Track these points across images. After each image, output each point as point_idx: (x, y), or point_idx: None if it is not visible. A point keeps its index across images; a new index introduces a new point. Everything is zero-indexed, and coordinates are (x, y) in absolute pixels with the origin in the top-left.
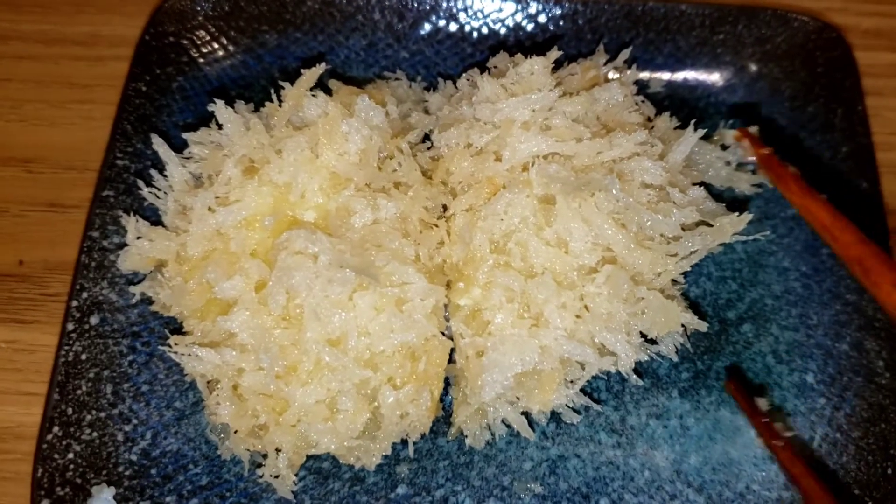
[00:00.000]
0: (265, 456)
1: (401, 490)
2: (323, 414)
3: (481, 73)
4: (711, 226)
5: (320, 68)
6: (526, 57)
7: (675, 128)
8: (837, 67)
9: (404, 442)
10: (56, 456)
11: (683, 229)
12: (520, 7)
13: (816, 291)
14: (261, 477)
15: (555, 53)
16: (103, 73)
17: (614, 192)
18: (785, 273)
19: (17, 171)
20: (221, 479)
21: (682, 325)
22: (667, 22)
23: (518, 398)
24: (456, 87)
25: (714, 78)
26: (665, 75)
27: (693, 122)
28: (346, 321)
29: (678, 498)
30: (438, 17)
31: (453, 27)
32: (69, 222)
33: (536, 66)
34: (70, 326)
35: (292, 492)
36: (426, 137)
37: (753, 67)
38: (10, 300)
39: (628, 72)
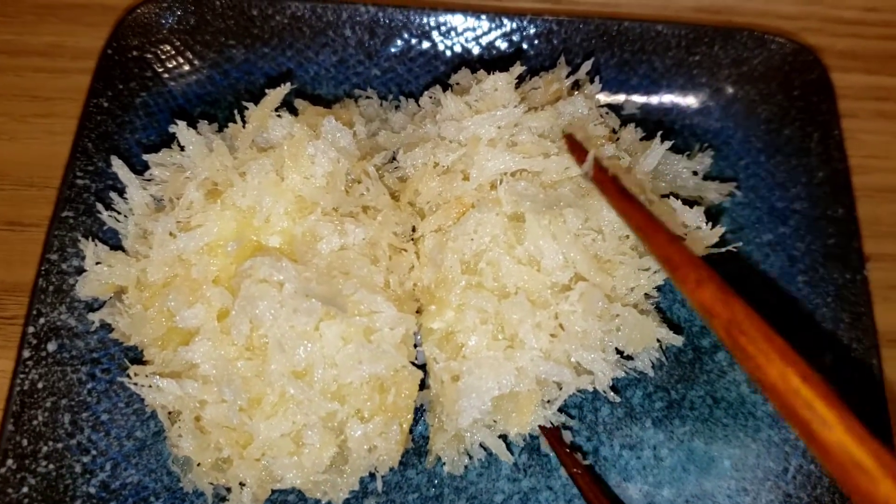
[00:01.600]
0: (229, 489)
1: None
2: (288, 448)
3: (444, 90)
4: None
5: (285, 88)
6: (489, 73)
7: (641, 139)
8: (814, 90)
9: (373, 475)
10: (10, 490)
11: None
12: (493, 25)
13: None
14: None
15: (518, 69)
16: (66, 85)
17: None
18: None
19: None
20: None
21: (658, 340)
22: (642, 42)
23: (495, 421)
24: (419, 105)
25: (689, 100)
26: (640, 97)
27: (660, 133)
28: (311, 352)
29: None
30: (411, 35)
31: (426, 45)
32: (28, 242)
33: (500, 83)
34: (26, 353)
35: None
36: (395, 158)
37: (729, 90)
38: None
39: (590, 85)
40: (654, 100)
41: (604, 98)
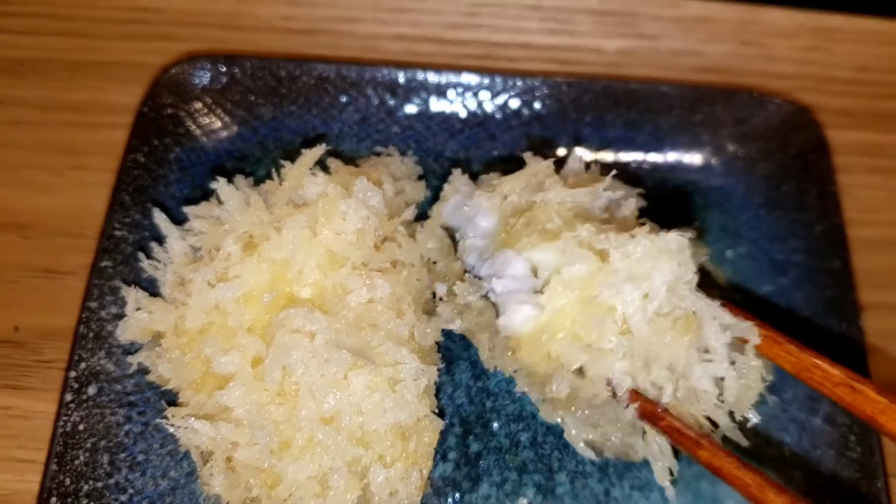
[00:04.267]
0: None
1: None
2: (314, 490)
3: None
4: None
5: (321, 149)
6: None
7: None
8: (810, 149)
9: None
10: None
11: None
12: (507, 85)
13: None
14: None
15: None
16: (98, 139)
17: None
18: None
19: (12, 237)
20: None
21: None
22: (648, 102)
23: None
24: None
25: (693, 157)
26: (645, 154)
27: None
28: (340, 400)
29: None
30: (429, 94)
31: (442, 104)
32: (64, 289)
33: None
34: (68, 397)
35: None
36: (420, 216)
37: (731, 147)
38: (5, 366)
39: None
40: (659, 157)
41: (611, 156)
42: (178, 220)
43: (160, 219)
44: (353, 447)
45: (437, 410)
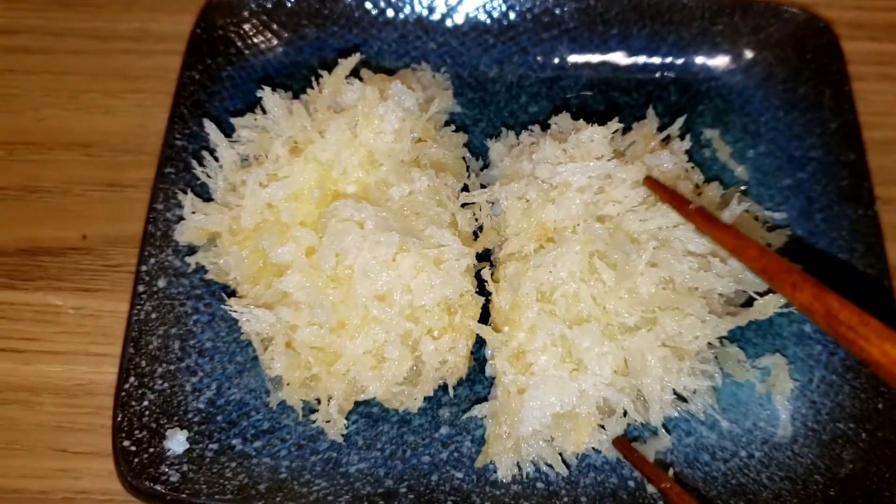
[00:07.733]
0: (318, 401)
1: (444, 430)
2: (370, 363)
3: (542, 129)
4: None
5: (355, 58)
6: (589, 123)
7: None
8: (825, 54)
9: (445, 389)
10: (133, 403)
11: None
12: (537, 2)
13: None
14: (314, 422)
15: (615, 125)
16: (152, 65)
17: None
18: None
19: (77, 155)
20: (281, 424)
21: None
22: (670, 14)
23: (553, 438)
24: (517, 139)
25: (714, 63)
26: (670, 61)
27: (737, 194)
28: (391, 279)
29: (693, 434)
30: (464, 11)
31: (476, 21)
32: (127, 200)
33: (596, 136)
34: (140, 288)
35: (349, 433)
36: (448, 122)
37: (749, 54)
38: (76, 271)
39: (680, 141)
40: (683, 63)
41: (639, 62)
42: (231, 132)
43: (211, 129)
44: (404, 321)
45: (477, 290)
